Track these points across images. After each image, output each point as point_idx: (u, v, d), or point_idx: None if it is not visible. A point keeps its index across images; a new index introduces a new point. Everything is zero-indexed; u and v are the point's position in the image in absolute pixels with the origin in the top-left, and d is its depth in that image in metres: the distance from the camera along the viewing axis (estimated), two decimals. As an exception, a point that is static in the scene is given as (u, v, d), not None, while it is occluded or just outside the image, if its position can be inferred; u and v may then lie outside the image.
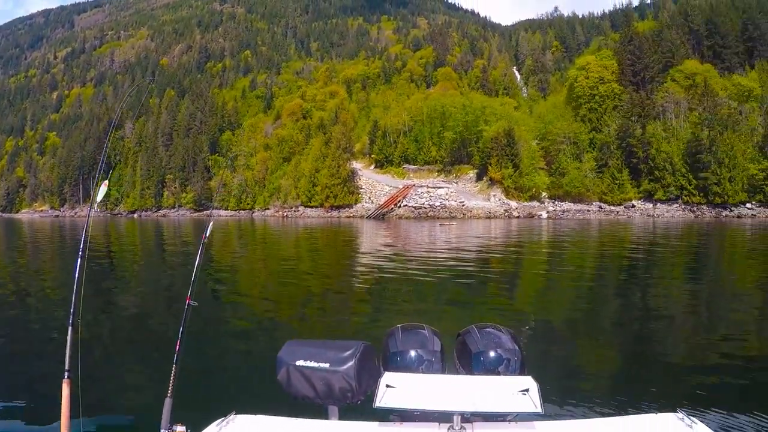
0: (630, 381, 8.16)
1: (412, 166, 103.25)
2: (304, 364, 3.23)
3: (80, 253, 3.59)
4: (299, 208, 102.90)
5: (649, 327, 12.36)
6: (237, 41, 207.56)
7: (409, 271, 21.54)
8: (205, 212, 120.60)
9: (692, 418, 2.89)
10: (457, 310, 14.13)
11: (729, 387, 7.66)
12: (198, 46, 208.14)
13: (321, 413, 3.25)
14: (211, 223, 4.18)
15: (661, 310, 14.50)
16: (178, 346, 3.55)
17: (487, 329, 3.64)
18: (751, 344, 10.53)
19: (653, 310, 14.51)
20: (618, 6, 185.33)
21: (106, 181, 3.73)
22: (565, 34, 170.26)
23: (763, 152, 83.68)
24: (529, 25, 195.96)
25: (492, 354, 3.45)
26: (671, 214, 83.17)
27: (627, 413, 3.34)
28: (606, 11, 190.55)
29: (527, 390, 2.82)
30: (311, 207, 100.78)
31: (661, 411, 3.03)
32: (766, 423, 6.05)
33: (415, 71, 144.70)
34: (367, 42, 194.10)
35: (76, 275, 3.45)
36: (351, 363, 3.23)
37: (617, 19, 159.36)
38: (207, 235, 4.06)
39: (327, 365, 3.22)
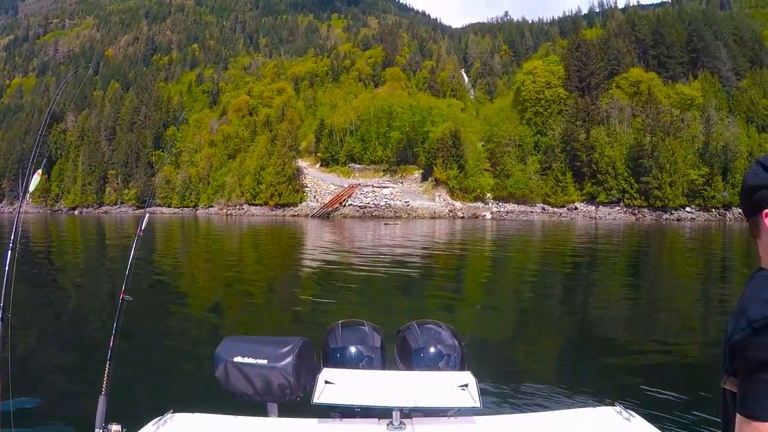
0: (569, 375, 8.27)
1: (357, 166, 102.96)
2: (242, 361, 3.18)
3: (10, 244, 3.47)
4: (243, 206, 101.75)
5: (590, 323, 12.66)
6: (185, 34, 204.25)
7: (353, 269, 21.59)
8: (147, 209, 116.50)
9: (630, 411, 2.94)
10: (399, 307, 14.17)
11: (666, 380, 7.80)
12: (145, 37, 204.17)
13: (260, 410, 3.21)
14: (147, 217, 4.13)
15: (601, 307, 14.83)
16: (112, 342, 3.44)
17: (428, 325, 3.66)
18: (687, 339, 10.82)
19: (594, 307, 14.88)
20: (567, 13, 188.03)
21: (40, 171, 3.61)
22: (514, 39, 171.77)
23: (703, 158, 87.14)
24: (479, 29, 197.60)
25: (432, 350, 3.45)
26: (613, 216, 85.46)
27: (566, 407, 3.32)
28: (555, 18, 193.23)
29: (466, 385, 2.84)
30: (256, 205, 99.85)
31: (599, 405, 3.08)
32: (701, 414, 6.19)
33: (364, 70, 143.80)
34: (316, 39, 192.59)
35: (6, 268, 3.34)
36: (289, 359, 3.20)
37: (566, 25, 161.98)
38: (142, 228, 3.97)
39: (265, 362, 3.19)
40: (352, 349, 3.45)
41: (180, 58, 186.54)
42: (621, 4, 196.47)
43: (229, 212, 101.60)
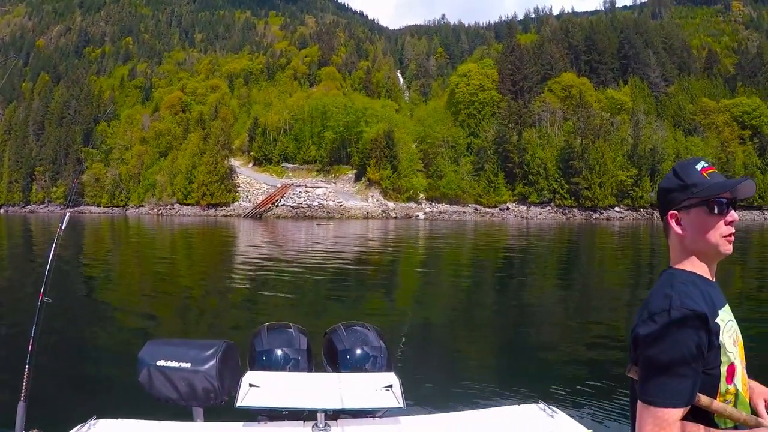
0: (497, 374, 8.47)
1: (291, 165, 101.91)
2: (166, 365, 3.15)
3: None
4: (175, 206, 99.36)
5: (519, 321, 12.88)
6: (119, 26, 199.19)
7: (283, 270, 21.47)
8: (76, 208, 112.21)
9: (553, 407, 3.05)
10: (328, 308, 14.20)
11: (591, 374, 8.04)
12: (78, 28, 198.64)
13: (186, 415, 3.19)
14: (68, 216, 4.05)
15: (531, 304, 15.19)
16: (31, 346, 3.39)
17: (354, 327, 3.71)
18: (611, 333, 10.99)
19: (523, 304, 15.13)
20: (503, 18, 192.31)
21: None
22: (449, 42, 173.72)
23: (631, 160, 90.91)
24: (416, 31, 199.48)
25: (358, 351, 3.50)
26: (544, 216, 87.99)
27: (492, 406, 3.30)
28: (491, 22, 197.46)
29: (390, 386, 2.94)
30: (187, 205, 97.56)
31: (523, 403, 3.19)
32: (622, 405, 6.37)
33: (299, 69, 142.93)
34: (252, 37, 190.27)
35: None
36: (212, 362, 3.18)
37: (501, 30, 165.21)
38: (63, 228, 3.94)
39: (188, 365, 3.16)
40: (278, 352, 3.43)
41: (113, 51, 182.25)
42: (556, 11, 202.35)
43: (160, 212, 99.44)
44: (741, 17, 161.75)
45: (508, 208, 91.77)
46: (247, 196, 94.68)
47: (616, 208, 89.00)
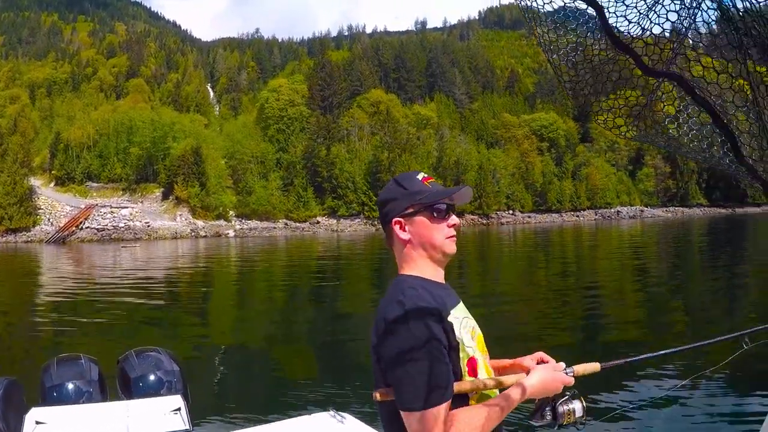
0: (291, 386, 8.83)
1: (95, 184, 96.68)
2: None
3: None
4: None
5: (317, 333, 13.76)
6: None
7: (81, 299, 21.00)
8: None
9: (342, 414, 3.25)
10: (127, 335, 14.00)
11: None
12: None
13: None
14: None
15: (335, 316, 16.17)
16: None
17: (147, 353, 3.79)
18: None
19: (326, 317, 16.10)
20: (317, 35, 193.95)
21: None
22: (262, 56, 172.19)
23: (437, 172, 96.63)
24: (229, 43, 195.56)
25: (152, 377, 3.56)
26: (354, 228, 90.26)
27: (285, 417, 3.52)
28: (305, 38, 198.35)
29: (178, 409, 3.08)
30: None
31: (314, 412, 3.42)
32: None
33: (106, 80, 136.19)
34: (58, 42, 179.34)
35: None
36: None
37: (314, 46, 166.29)
38: None
39: None
40: (70, 386, 3.41)
41: None
42: (369, 30, 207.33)
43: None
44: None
45: (318, 222, 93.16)
46: (49, 219, 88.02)
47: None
